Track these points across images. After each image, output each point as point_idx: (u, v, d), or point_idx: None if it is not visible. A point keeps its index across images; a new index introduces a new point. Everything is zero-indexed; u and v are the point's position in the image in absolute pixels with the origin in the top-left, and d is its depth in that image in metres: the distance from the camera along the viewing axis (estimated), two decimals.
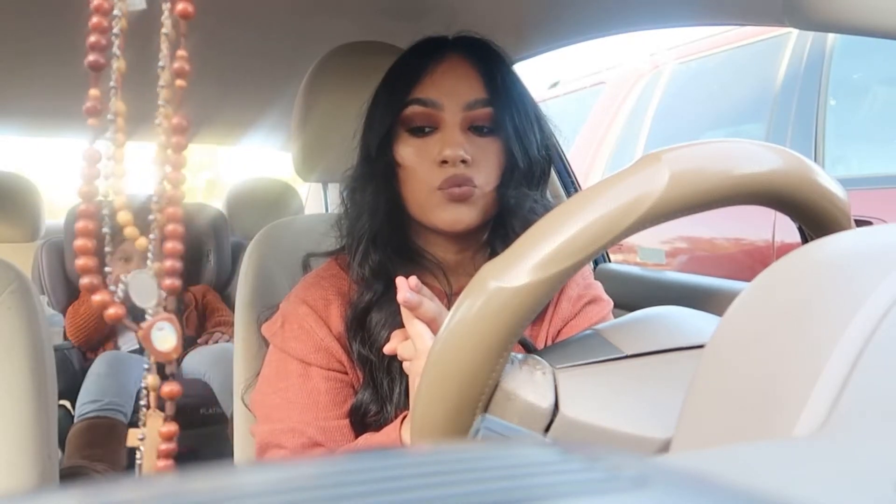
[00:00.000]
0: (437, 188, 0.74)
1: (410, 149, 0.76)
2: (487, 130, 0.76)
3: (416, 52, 0.80)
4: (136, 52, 0.35)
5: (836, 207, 0.45)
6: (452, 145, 0.73)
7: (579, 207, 0.40)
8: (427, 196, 0.76)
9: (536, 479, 0.16)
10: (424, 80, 0.76)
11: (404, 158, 0.77)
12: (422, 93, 0.75)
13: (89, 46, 0.32)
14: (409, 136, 0.77)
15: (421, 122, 0.76)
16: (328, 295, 0.79)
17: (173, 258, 0.37)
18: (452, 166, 0.73)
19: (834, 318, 0.25)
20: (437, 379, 0.42)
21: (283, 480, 0.15)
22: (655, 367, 0.44)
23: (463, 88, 0.76)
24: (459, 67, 0.77)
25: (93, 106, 0.33)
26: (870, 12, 0.63)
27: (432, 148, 0.75)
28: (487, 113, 0.76)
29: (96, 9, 0.32)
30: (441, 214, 0.75)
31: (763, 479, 0.18)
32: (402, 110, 0.76)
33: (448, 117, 0.75)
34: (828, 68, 1.95)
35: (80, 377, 1.95)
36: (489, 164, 0.76)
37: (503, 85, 0.77)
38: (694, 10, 0.94)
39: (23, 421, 0.73)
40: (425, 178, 0.75)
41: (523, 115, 0.78)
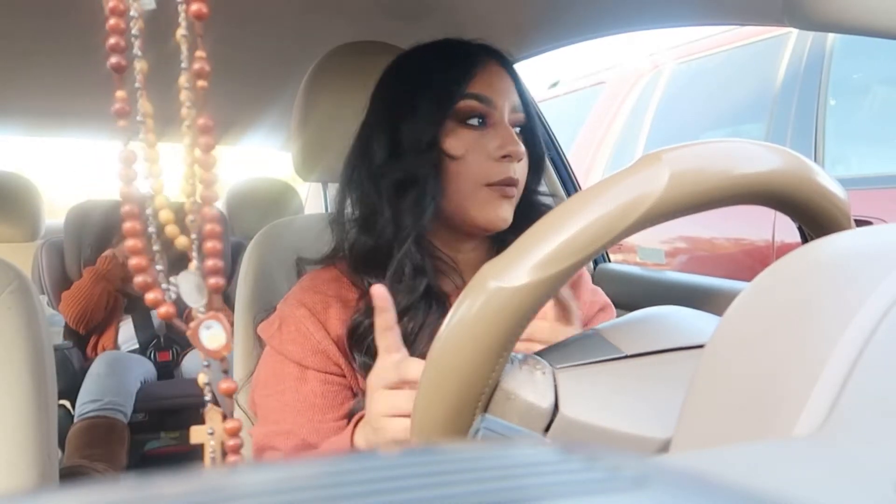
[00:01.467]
0: (488, 184, 0.76)
1: (463, 142, 0.76)
2: (519, 133, 0.79)
3: (453, 50, 0.81)
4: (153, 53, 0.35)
5: (836, 207, 0.45)
6: (514, 142, 0.75)
7: (579, 207, 0.40)
8: (474, 191, 0.76)
9: (536, 479, 0.16)
10: (478, 76, 0.77)
11: (457, 150, 0.76)
12: (477, 88, 0.77)
13: (109, 49, 0.32)
14: (462, 128, 0.77)
15: (476, 116, 0.77)
16: (327, 298, 0.78)
17: (215, 257, 0.37)
18: (510, 163, 0.76)
19: (834, 318, 0.25)
20: (437, 379, 0.42)
21: (283, 480, 0.15)
22: (655, 367, 0.44)
23: (510, 91, 0.79)
24: (500, 71, 0.79)
25: (121, 108, 0.33)
26: (870, 12, 0.63)
27: (488, 142, 0.76)
28: (523, 118, 0.80)
29: (112, 10, 0.32)
30: (487, 211, 0.76)
31: (763, 479, 0.18)
32: (458, 102, 0.76)
33: (499, 115, 0.77)
34: (828, 68, 1.95)
35: (80, 377, 1.95)
36: (523, 164, 0.79)
37: (524, 91, 0.81)
38: (694, 10, 0.94)
39: (23, 421, 0.73)
40: (478, 172, 0.76)
41: (537, 124, 0.83)
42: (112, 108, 0.32)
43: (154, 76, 0.35)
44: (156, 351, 2.16)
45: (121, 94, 0.33)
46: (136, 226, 0.34)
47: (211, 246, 0.36)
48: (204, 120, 0.35)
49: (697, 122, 2.47)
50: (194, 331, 0.38)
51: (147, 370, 2.09)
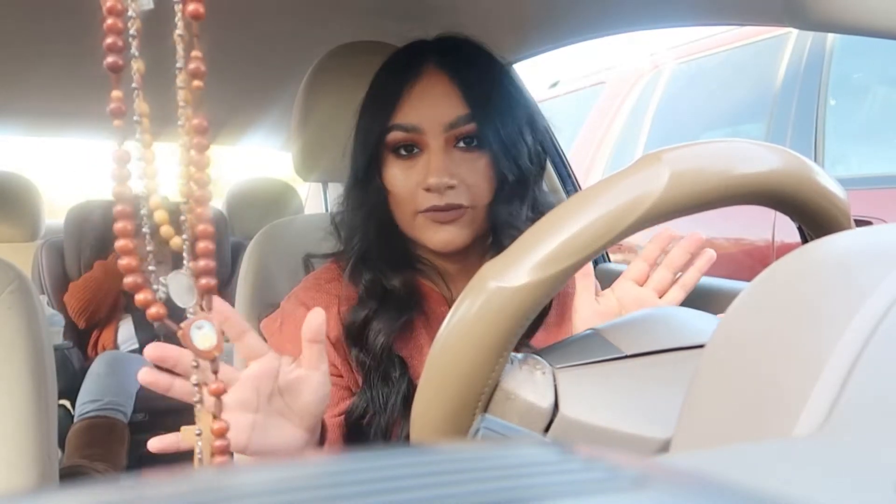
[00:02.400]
0: (421, 212, 0.74)
1: (396, 172, 0.75)
2: (474, 144, 0.74)
3: (392, 68, 0.78)
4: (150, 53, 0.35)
5: (836, 207, 0.45)
6: (436, 172, 0.72)
7: (579, 207, 0.40)
8: (411, 219, 0.75)
9: (536, 478, 0.16)
10: (403, 103, 0.74)
11: (390, 182, 0.76)
12: (401, 118, 0.74)
13: (106, 48, 0.32)
14: (395, 159, 0.76)
15: (404, 146, 0.75)
16: (328, 298, 0.79)
17: (207, 257, 0.37)
18: (438, 193, 0.72)
19: (834, 318, 0.25)
20: (437, 379, 0.42)
21: (283, 480, 0.15)
22: (655, 367, 0.44)
23: (442, 108, 0.73)
24: (437, 84, 0.74)
25: (117, 107, 0.33)
26: (870, 12, 0.63)
27: (417, 171, 0.74)
28: (471, 129, 0.73)
29: (110, 10, 0.32)
30: (429, 236, 0.75)
31: (763, 479, 0.18)
32: (385, 135, 0.75)
33: (430, 140, 0.73)
34: (828, 68, 1.95)
35: (80, 377, 1.95)
36: (478, 179, 0.74)
37: (486, 95, 0.74)
38: (694, 10, 0.94)
39: (23, 421, 0.73)
40: (410, 202, 0.75)
41: (511, 125, 0.75)
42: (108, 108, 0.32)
43: (151, 76, 0.35)
44: None
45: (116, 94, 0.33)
46: (127, 226, 0.34)
47: (203, 246, 0.36)
48: (199, 120, 0.35)
49: (697, 122, 2.47)
50: (185, 331, 0.38)
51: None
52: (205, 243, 0.36)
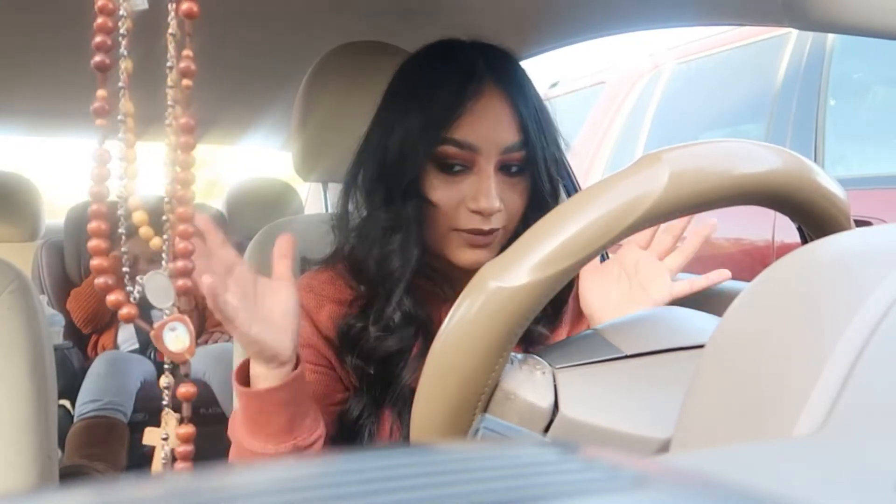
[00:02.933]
0: (457, 229, 0.73)
1: (440, 186, 0.73)
2: (517, 170, 0.75)
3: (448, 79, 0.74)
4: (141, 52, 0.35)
5: (836, 207, 0.45)
6: (489, 196, 0.71)
7: (579, 207, 0.40)
8: (445, 234, 0.74)
9: (536, 478, 0.16)
10: (463, 119, 0.72)
11: (433, 196, 0.74)
12: (459, 133, 0.72)
13: (95, 47, 0.32)
14: (439, 173, 0.74)
15: (455, 163, 0.73)
16: (321, 299, 0.79)
17: (185, 258, 0.37)
18: (485, 216, 0.72)
19: (834, 318, 0.25)
20: (437, 379, 0.42)
21: (283, 480, 0.15)
22: (655, 367, 0.44)
23: (500, 132, 0.73)
24: (497, 105, 0.73)
25: (100, 106, 0.33)
26: (870, 12, 0.63)
27: (464, 190, 0.73)
28: (521, 156, 0.74)
29: (101, 9, 0.32)
30: (459, 255, 0.74)
31: (763, 479, 0.18)
32: (435, 148, 0.73)
33: (483, 161, 0.72)
34: (828, 68, 1.95)
35: (80, 377, 1.95)
36: (516, 204, 0.75)
37: (536, 123, 0.75)
38: (694, 10, 0.94)
39: (22, 420, 0.73)
40: (450, 219, 0.73)
41: (549, 148, 0.76)
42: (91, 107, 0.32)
43: (139, 75, 0.35)
44: (156, 351, 2.15)
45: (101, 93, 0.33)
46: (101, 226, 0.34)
47: (183, 247, 0.36)
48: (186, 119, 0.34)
49: (697, 122, 2.47)
50: (158, 332, 0.38)
51: (147, 370, 2.09)
52: (185, 244, 0.36)
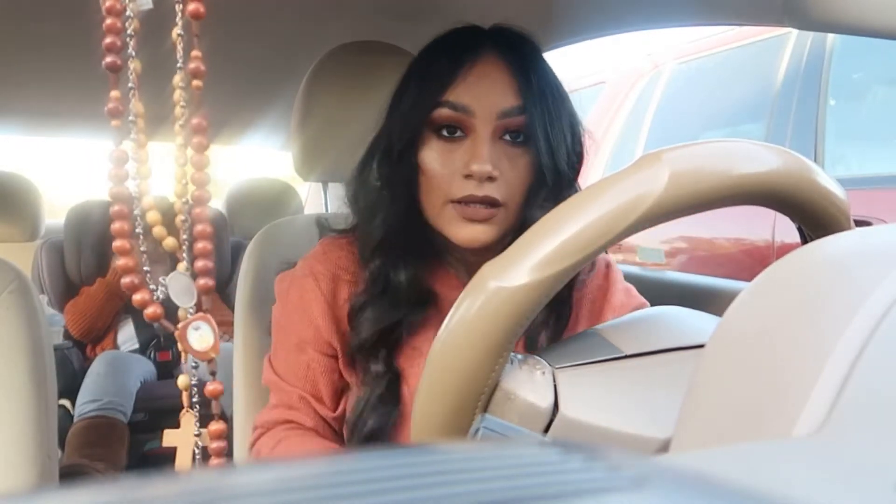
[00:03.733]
0: (453, 201, 0.71)
1: (435, 153, 0.72)
2: (520, 140, 0.72)
3: (448, 45, 0.75)
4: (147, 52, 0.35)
5: (836, 207, 0.45)
6: (480, 159, 0.69)
7: (579, 207, 0.40)
8: (441, 207, 0.72)
9: (536, 478, 0.16)
10: (458, 81, 0.71)
11: (427, 164, 0.72)
12: (454, 96, 0.71)
13: (105, 48, 0.32)
14: (436, 139, 0.72)
15: (449, 126, 0.72)
16: (337, 271, 0.78)
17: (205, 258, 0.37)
18: (477, 182, 0.69)
19: (834, 318, 0.25)
20: (437, 378, 0.42)
21: (283, 480, 0.15)
22: (655, 367, 0.44)
23: (497, 95, 0.71)
24: (495, 70, 0.72)
25: (115, 107, 0.33)
26: (870, 12, 0.63)
27: (459, 156, 0.71)
28: (521, 121, 0.71)
29: (109, 10, 0.32)
30: (455, 230, 0.72)
31: (763, 479, 0.18)
32: (431, 111, 0.71)
33: (479, 125, 0.70)
34: (828, 68, 1.95)
35: (80, 377, 1.95)
36: (517, 177, 0.72)
37: (539, 90, 0.72)
38: (694, 10, 0.94)
39: (23, 420, 0.73)
40: (444, 188, 0.71)
41: (557, 124, 0.73)
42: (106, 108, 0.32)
43: (146, 76, 0.35)
44: (156, 351, 2.16)
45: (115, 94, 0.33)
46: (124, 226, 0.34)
47: (202, 247, 0.36)
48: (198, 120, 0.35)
49: (697, 122, 2.47)
50: (182, 331, 0.38)
51: (147, 370, 2.09)
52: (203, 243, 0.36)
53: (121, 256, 0.35)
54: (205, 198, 0.36)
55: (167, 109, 0.34)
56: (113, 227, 0.35)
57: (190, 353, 0.39)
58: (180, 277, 0.38)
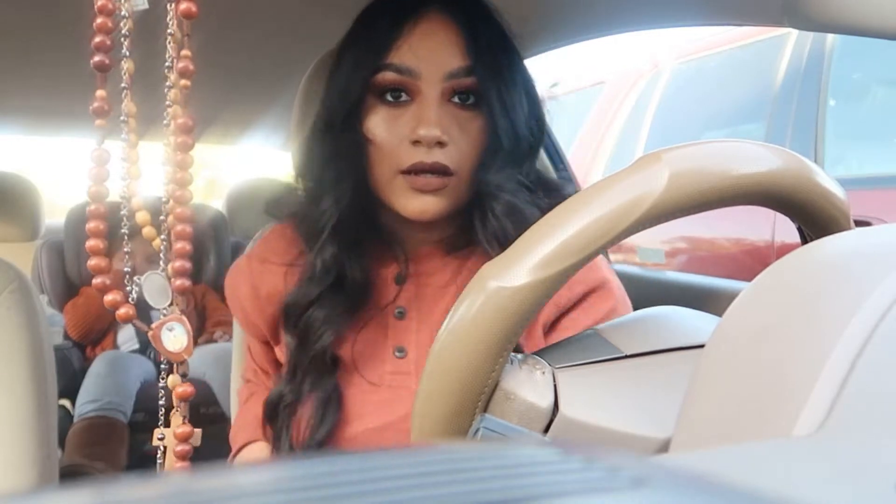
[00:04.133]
0: (402, 171, 0.66)
1: (381, 120, 0.67)
2: (471, 103, 0.68)
3: (390, 4, 0.70)
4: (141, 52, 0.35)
5: (836, 208, 0.45)
6: (428, 123, 0.64)
7: (579, 207, 0.40)
8: (390, 179, 0.67)
9: (535, 478, 0.16)
10: (400, 42, 0.66)
11: (373, 132, 0.67)
12: (397, 58, 0.66)
13: (94, 47, 0.32)
14: (381, 106, 0.67)
15: (394, 91, 0.67)
16: (270, 256, 0.76)
17: (183, 259, 0.37)
18: (426, 148, 0.65)
19: (834, 318, 0.25)
20: (437, 379, 0.42)
21: (282, 480, 0.15)
22: (655, 367, 0.44)
23: (443, 55, 0.66)
24: (441, 30, 0.67)
25: (100, 106, 0.33)
26: (870, 12, 0.63)
27: (406, 122, 0.66)
28: (470, 83, 0.66)
29: (100, 10, 0.32)
30: (404, 202, 0.67)
31: (763, 479, 0.18)
32: (374, 75, 0.67)
33: (425, 87, 0.66)
34: (828, 68, 1.95)
35: (80, 377, 1.95)
36: (469, 143, 0.67)
37: (489, 50, 0.68)
38: (694, 10, 0.94)
39: (22, 420, 0.73)
40: (393, 158, 0.66)
41: (511, 85, 0.69)
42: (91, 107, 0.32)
43: (139, 76, 0.35)
44: (156, 351, 2.15)
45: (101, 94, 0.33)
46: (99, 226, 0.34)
47: (180, 247, 0.36)
48: (184, 119, 0.34)
49: (697, 122, 2.47)
50: (156, 332, 0.38)
51: (147, 370, 2.09)
52: (182, 244, 0.36)
53: (93, 256, 0.35)
54: (186, 198, 0.36)
55: (159, 110, 0.34)
56: (88, 227, 0.35)
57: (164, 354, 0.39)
58: (155, 278, 0.38)
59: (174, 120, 0.35)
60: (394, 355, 0.73)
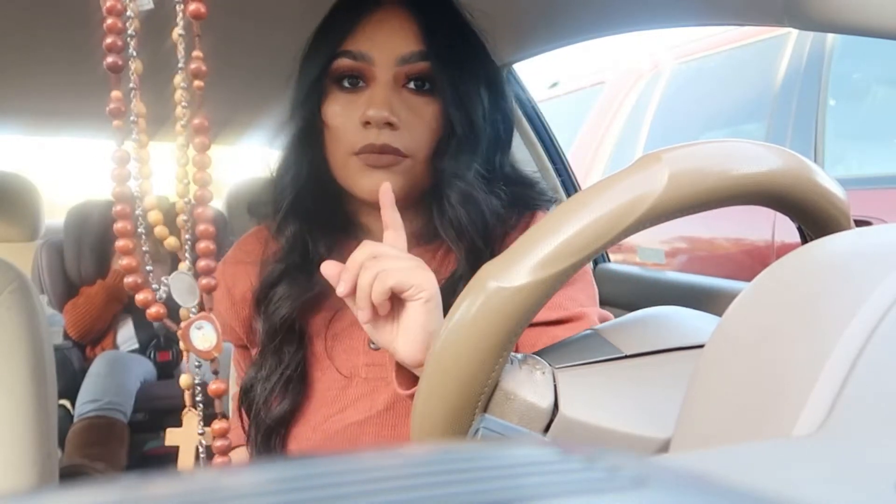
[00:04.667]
0: (355, 153, 0.68)
1: (338, 106, 0.70)
2: (426, 89, 0.69)
3: (347, 1, 0.73)
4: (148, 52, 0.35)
5: (836, 207, 0.45)
6: (377, 104, 0.66)
7: (579, 207, 0.40)
8: (344, 161, 0.69)
9: (535, 478, 0.16)
10: (356, 31, 0.69)
11: (329, 116, 0.70)
12: (352, 45, 0.68)
13: (106, 48, 0.32)
14: (338, 92, 0.70)
15: (350, 76, 0.69)
16: (243, 257, 0.77)
17: (207, 258, 0.37)
18: (376, 128, 0.66)
19: (834, 318, 0.25)
20: (437, 379, 0.42)
21: (283, 480, 0.15)
22: (655, 367, 0.44)
23: (397, 40, 0.68)
24: (395, 17, 0.69)
25: (116, 108, 0.33)
26: (870, 12, 0.63)
27: (359, 106, 0.68)
28: (423, 67, 0.68)
29: (109, 10, 0.32)
30: (359, 182, 0.69)
31: (763, 479, 0.18)
32: (331, 63, 0.69)
33: (379, 72, 0.68)
34: (828, 68, 1.95)
35: (80, 377, 1.96)
36: (421, 127, 0.69)
37: (444, 36, 0.69)
38: (694, 10, 0.94)
39: (22, 420, 0.73)
40: (346, 140, 0.68)
41: (467, 76, 0.70)
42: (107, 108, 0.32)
43: (147, 76, 0.35)
44: (156, 351, 2.16)
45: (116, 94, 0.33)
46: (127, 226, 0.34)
47: (204, 246, 0.36)
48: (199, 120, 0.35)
49: (697, 122, 2.47)
50: (185, 331, 0.38)
51: (147, 370, 2.09)
52: (206, 243, 0.37)
53: (124, 256, 0.35)
54: (207, 197, 0.36)
55: (168, 109, 0.34)
56: (116, 227, 0.35)
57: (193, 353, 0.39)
58: (183, 277, 0.38)
59: (190, 121, 0.35)
60: (368, 347, 0.74)
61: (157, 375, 2.13)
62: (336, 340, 0.74)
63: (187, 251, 0.37)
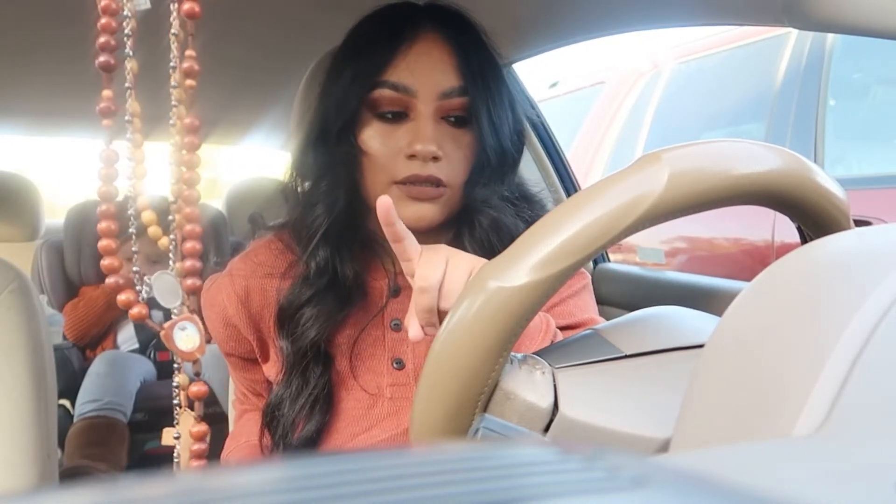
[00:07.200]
0: (398, 182, 0.69)
1: (376, 135, 0.70)
2: (461, 121, 0.71)
3: (384, 23, 0.72)
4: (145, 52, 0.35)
5: (836, 207, 0.45)
6: (424, 139, 0.67)
7: (579, 207, 0.40)
8: (385, 188, 0.69)
9: (535, 478, 0.16)
10: (398, 61, 0.69)
11: (368, 145, 0.70)
12: (394, 76, 0.68)
13: (99, 47, 0.32)
14: (376, 121, 0.70)
15: (390, 108, 0.69)
16: (257, 269, 0.76)
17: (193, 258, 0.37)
18: (421, 162, 0.68)
19: (834, 318, 0.25)
20: (437, 378, 0.42)
21: (283, 480, 0.15)
22: (655, 367, 0.44)
23: (438, 75, 0.69)
24: (435, 49, 0.70)
25: (107, 107, 0.33)
26: (870, 12, 0.63)
27: (401, 137, 0.69)
28: (462, 103, 0.70)
29: (104, 10, 0.32)
30: (401, 210, 0.67)
31: (763, 479, 0.18)
32: (370, 91, 0.69)
33: (421, 106, 0.69)
34: (828, 68, 1.95)
35: (80, 377, 1.95)
36: (460, 158, 0.70)
37: (480, 71, 0.71)
38: (694, 10, 0.94)
39: (22, 420, 0.73)
40: (388, 169, 0.69)
41: (498, 104, 0.72)
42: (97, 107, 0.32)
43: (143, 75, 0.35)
44: (156, 350, 2.16)
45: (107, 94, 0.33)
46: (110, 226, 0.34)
47: (190, 246, 0.36)
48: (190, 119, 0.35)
49: (697, 122, 2.47)
50: (168, 332, 0.38)
51: (147, 370, 2.09)
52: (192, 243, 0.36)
53: (105, 256, 0.35)
54: (194, 197, 0.36)
55: (164, 109, 0.34)
56: (99, 227, 0.35)
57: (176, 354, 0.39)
58: (165, 277, 0.38)
59: (180, 120, 0.35)
60: (392, 367, 0.74)
61: (157, 375, 2.13)
62: (359, 360, 0.74)
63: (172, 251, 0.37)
